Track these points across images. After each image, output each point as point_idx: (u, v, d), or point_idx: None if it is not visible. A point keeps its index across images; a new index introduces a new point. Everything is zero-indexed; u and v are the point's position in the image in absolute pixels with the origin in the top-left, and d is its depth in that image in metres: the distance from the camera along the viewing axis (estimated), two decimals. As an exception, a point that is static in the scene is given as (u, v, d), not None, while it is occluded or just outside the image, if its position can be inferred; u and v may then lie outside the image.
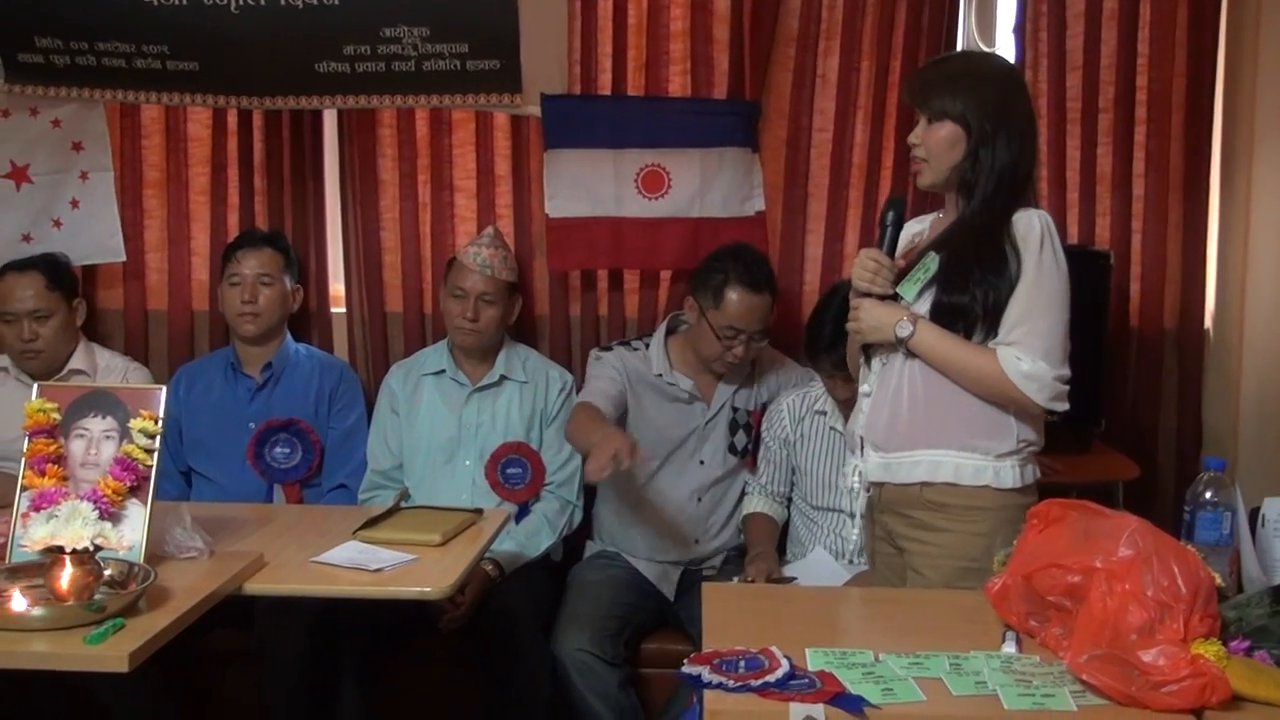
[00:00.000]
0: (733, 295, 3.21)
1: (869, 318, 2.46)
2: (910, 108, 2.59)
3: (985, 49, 3.70)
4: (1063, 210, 3.64)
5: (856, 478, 2.57)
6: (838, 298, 3.00)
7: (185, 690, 3.13)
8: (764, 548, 3.17)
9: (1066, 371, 2.39)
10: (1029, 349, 2.34)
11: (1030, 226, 2.36)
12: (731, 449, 3.39)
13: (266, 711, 3.04)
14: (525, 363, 3.51)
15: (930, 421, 2.44)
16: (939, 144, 2.43)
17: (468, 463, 3.43)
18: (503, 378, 3.46)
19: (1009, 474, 2.42)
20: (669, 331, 3.45)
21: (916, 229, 2.62)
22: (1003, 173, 2.40)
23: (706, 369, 3.37)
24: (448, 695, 3.27)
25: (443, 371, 3.47)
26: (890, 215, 2.50)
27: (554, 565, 3.48)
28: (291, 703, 3.03)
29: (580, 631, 3.09)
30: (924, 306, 2.42)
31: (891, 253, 2.49)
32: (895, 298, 2.45)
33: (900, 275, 2.46)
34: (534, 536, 3.34)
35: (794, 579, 3.09)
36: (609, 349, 3.45)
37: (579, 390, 3.46)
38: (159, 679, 2.96)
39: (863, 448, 2.54)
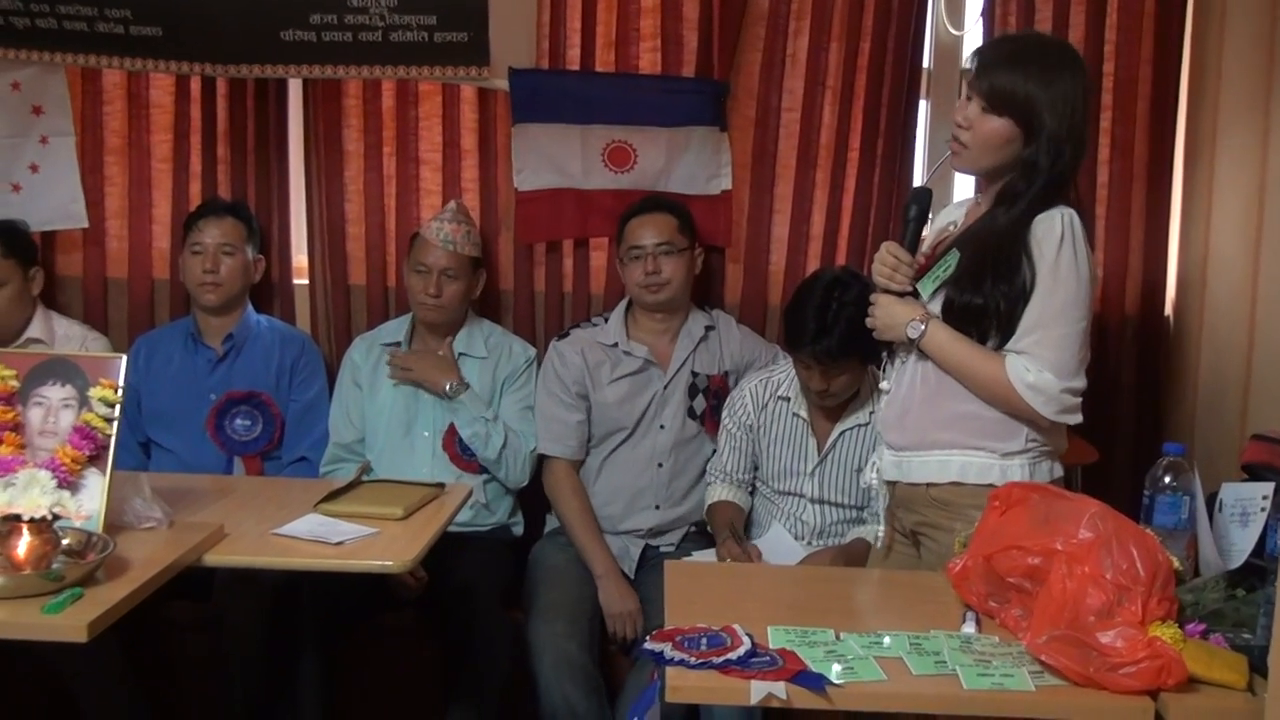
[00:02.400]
0: (627, 224, 3.39)
1: (885, 315, 2.43)
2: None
3: (954, 33, 3.71)
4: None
5: (874, 474, 2.57)
6: (819, 288, 2.99)
7: (144, 660, 3.11)
8: (728, 531, 3.18)
9: (1079, 383, 2.32)
10: (1038, 359, 2.29)
11: (1050, 228, 2.28)
12: (690, 413, 3.39)
13: (225, 681, 3.03)
14: (489, 338, 3.50)
15: (939, 422, 2.41)
16: (990, 137, 2.33)
17: (426, 434, 3.42)
18: (462, 354, 3.44)
19: (1017, 472, 2.37)
20: (630, 304, 3.46)
21: (951, 217, 2.57)
22: (1049, 181, 2.31)
23: (649, 316, 3.39)
24: (407, 667, 3.26)
25: (398, 344, 3.46)
26: (913, 209, 2.46)
27: (514, 540, 3.48)
28: (249, 673, 3.02)
29: (555, 620, 3.09)
30: (937, 305, 2.38)
31: (913, 248, 2.45)
32: (916, 294, 2.43)
33: (922, 271, 2.42)
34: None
35: (757, 550, 3.09)
36: (566, 335, 3.46)
37: (539, 365, 3.47)
38: (117, 648, 2.95)
39: (881, 444, 2.54)
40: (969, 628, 2.06)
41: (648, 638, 2.00)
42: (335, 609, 3.06)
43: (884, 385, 2.54)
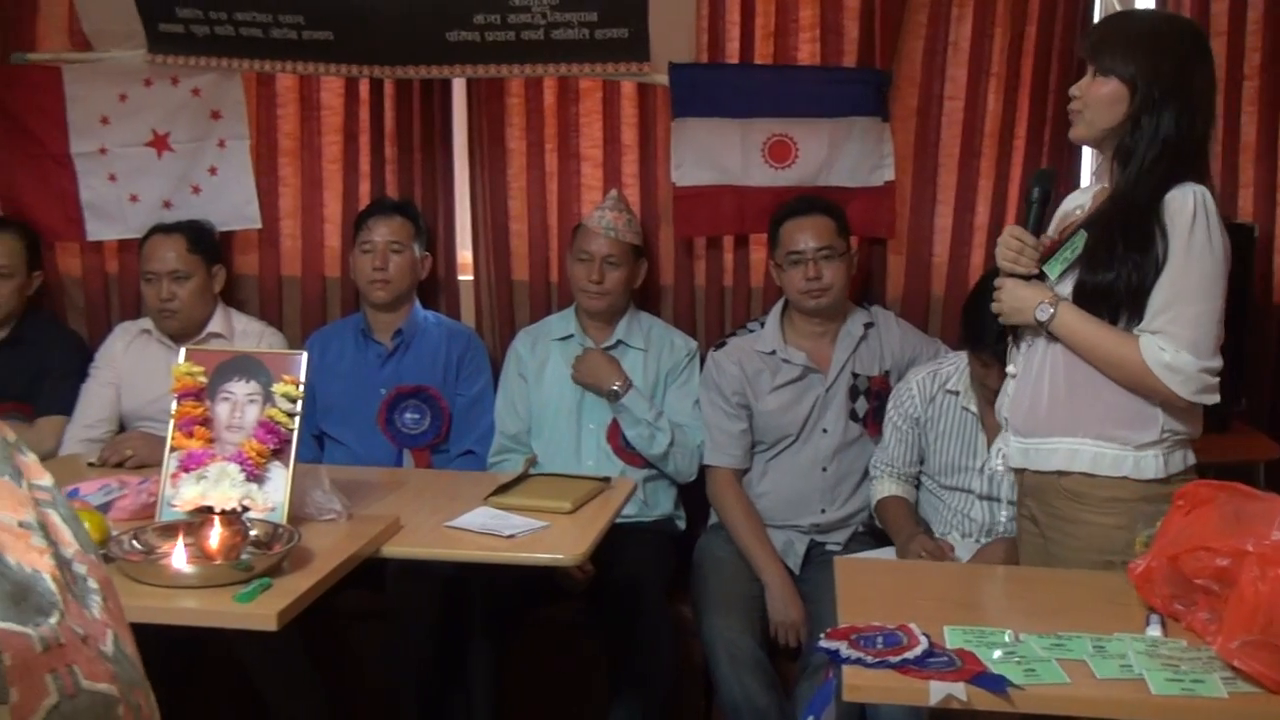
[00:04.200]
0: (782, 227, 3.32)
1: (1010, 299, 2.39)
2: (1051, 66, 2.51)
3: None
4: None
5: (1000, 460, 2.53)
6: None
7: (318, 648, 3.21)
8: (913, 528, 3.13)
9: (1216, 363, 2.27)
10: (1174, 338, 2.24)
11: (1183, 204, 2.24)
12: (853, 415, 3.36)
13: (398, 671, 3.10)
14: (649, 331, 3.53)
15: (1070, 408, 2.36)
16: (1099, 100, 2.33)
17: (591, 426, 3.46)
18: (620, 342, 3.47)
19: (1150, 464, 2.32)
20: (786, 306, 3.43)
21: (1077, 202, 2.54)
22: (1165, 143, 2.28)
23: (807, 319, 3.35)
24: (573, 659, 3.30)
25: (570, 336, 3.50)
26: (1036, 191, 2.43)
27: (678, 534, 3.50)
28: (422, 663, 3.09)
29: (728, 614, 3.09)
30: (1067, 288, 2.34)
31: (1038, 230, 2.41)
32: (1041, 277, 2.39)
33: (1048, 253, 2.38)
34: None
35: (950, 545, 3.05)
36: (723, 345, 3.43)
37: (704, 359, 3.47)
38: (298, 637, 3.05)
39: (1007, 429, 2.49)
40: (1154, 630, 2.00)
41: (822, 635, 1.99)
42: (505, 601, 3.12)
43: (1010, 370, 2.49)
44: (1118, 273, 2.28)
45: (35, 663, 0.58)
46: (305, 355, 2.54)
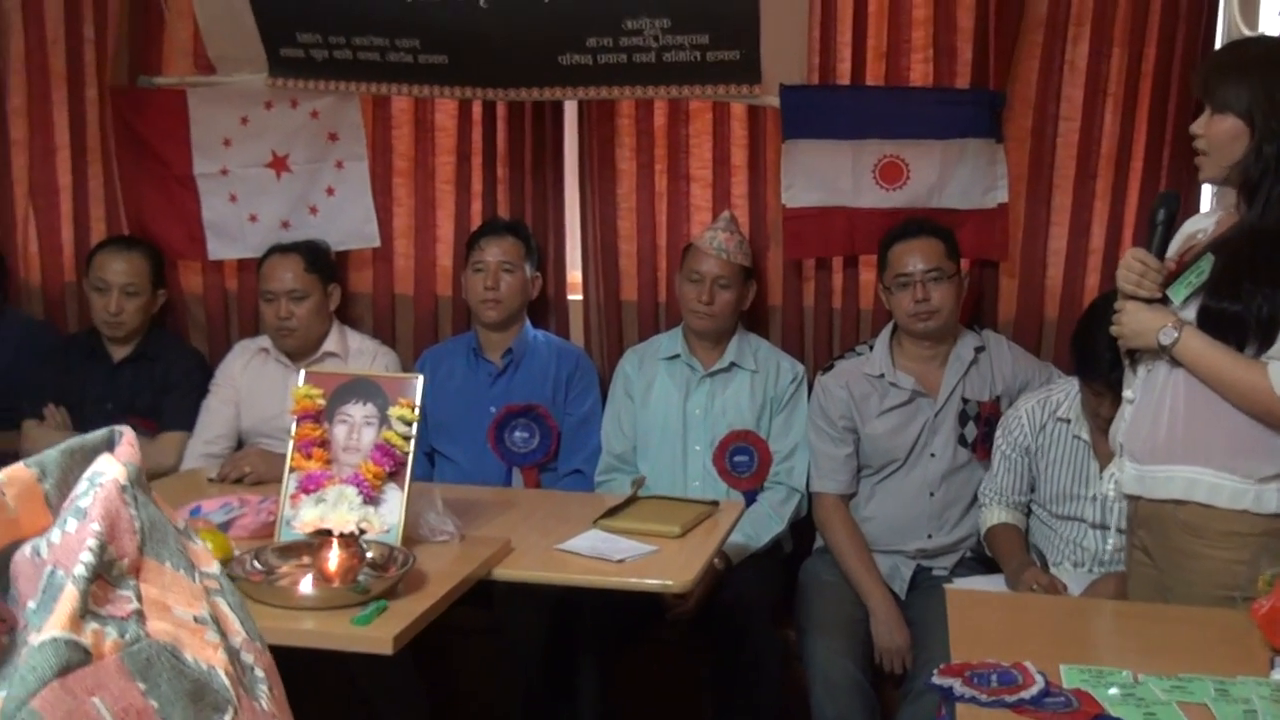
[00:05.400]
0: (891, 249, 3.30)
1: (1132, 321, 2.35)
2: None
3: (1248, 33, 3.51)
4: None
5: (1112, 485, 2.49)
6: (1110, 311, 2.89)
7: (426, 663, 3.25)
8: (1025, 557, 3.09)
9: None
10: None
11: None
12: (962, 441, 3.33)
13: (505, 688, 3.14)
14: (757, 352, 3.52)
15: (1190, 436, 2.31)
16: (1220, 137, 2.29)
17: (697, 448, 3.46)
18: (733, 364, 3.48)
19: (1273, 498, 2.26)
20: (895, 330, 3.41)
21: (1199, 225, 2.49)
22: None
23: (916, 343, 3.32)
24: (680, 682, 3.31)
25: (677, 356, 3.52)
26: (1161, 213, 2.39)
27: (784, 557, 3.49)
28: (529, 681, 3.13)
29: (832, 638, 3.09)
30: (1191, 312, 2.30)
31: (1161, 253, 2.37)
32: (1164, 301, 2.35)
33: (1171, 277, 2.34)
34: (761, 526, 3.35)
35: (1063, 583, 3.00)
36: (831, 368, 3.43)
37: (811, 384, 3.46)
38: (406, 652, 3.08)
39: (1121, 455, 2.44)
40: (1279, 675, 1.95)
41: (935, 671, 1.97)
42: (613, 622, 3.13)
43: (1128, 394, 2.44)
44: (1245, 303, 2.23)
45: None
46: (421, 379, 2.59)
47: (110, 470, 0.65)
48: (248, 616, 0.70)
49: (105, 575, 0.62)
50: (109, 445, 0.69)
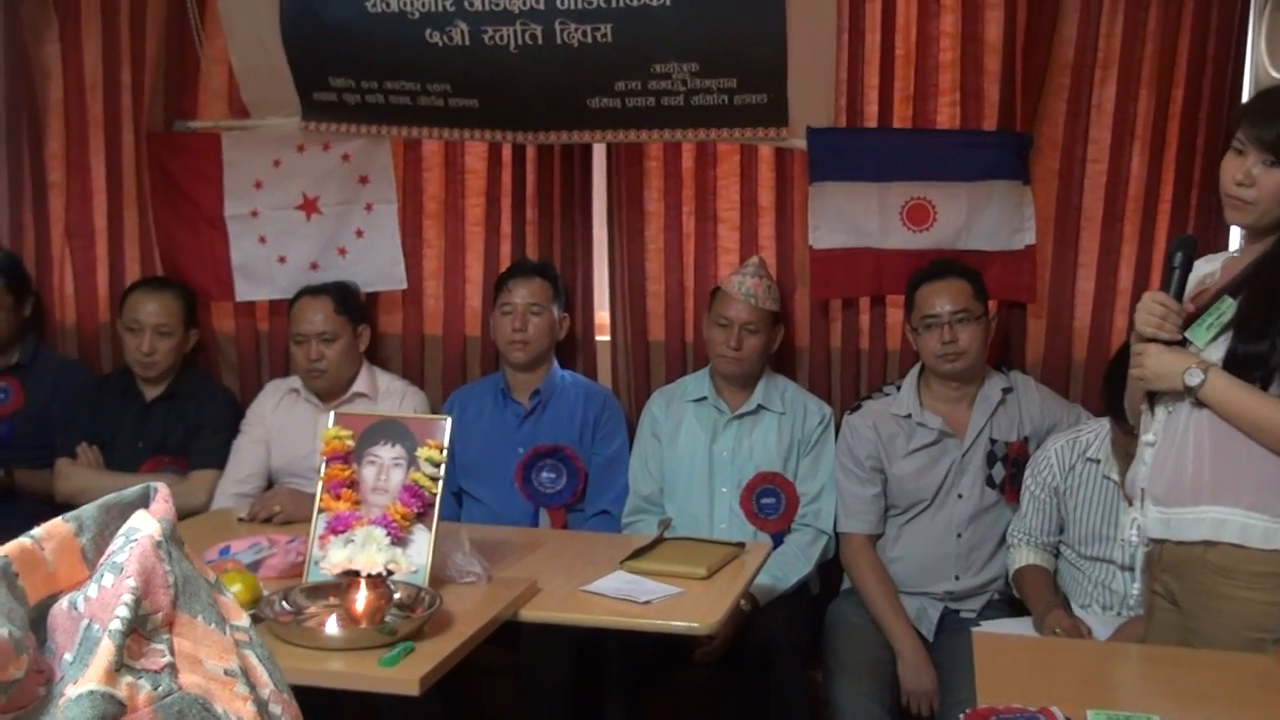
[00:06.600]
0: (918, 291, 3.31)
1: (1156, 364, 2.34)
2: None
3: (1276, 75, 3.51)
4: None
5: (1134, 531, 2.47)
6: None
7: (452, 703, 3.25)
8: (1051, 599, 3.08)
9: None
10: None
11: None
12: (989, 481, 3.32)
13: (530, 729, 3.14)
14: (784, 394, 3.53)
15: (1217, 477, 2.30)
16: (1277, 191, 2.28)
17: (724, 490, 3.47)
18: (760, 407, 3.49)
19: None
20: (923, 370, 3.41)
21: (1206, 269, 2.49)
22: None
23: (944, 383, 3.32)
24: (706, 725, 3.30)
25: (704, 398, 3.52)
26: (1179, 256, 2.38)
27: (812, 599, 3.48)
28: (556, 723, 3.12)
29: (859, 679, 3.08)
30: (1215, 354, 2.30)
31: (1180, 296, 2.37)
32: (1183, 343, 2.35)
33: (1189, 320, 2.35)
34: (788, 568, 3.35)
35: (1088, 627, 2.99)
36: (858, 408, 3.43)
37: (838, 425, 3.47)
38: (433, 692, 3.09)
39: (1143, 500, 2.44)
40: (1309, 722, 1.94)
41: (962, 716, 1.96)
42: (639, 664, 3.13)
43: (1148, 438, 2.42)
44: (1273, 342, 2.23)
45: None
46: (449, 421, 2.61)
47: (145, 526, 0.67)
48: (276, 668, 0.72)
49: (140, 629, 0.64)
50: (144, 501, 0.71)
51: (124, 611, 0.63)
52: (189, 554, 0.70)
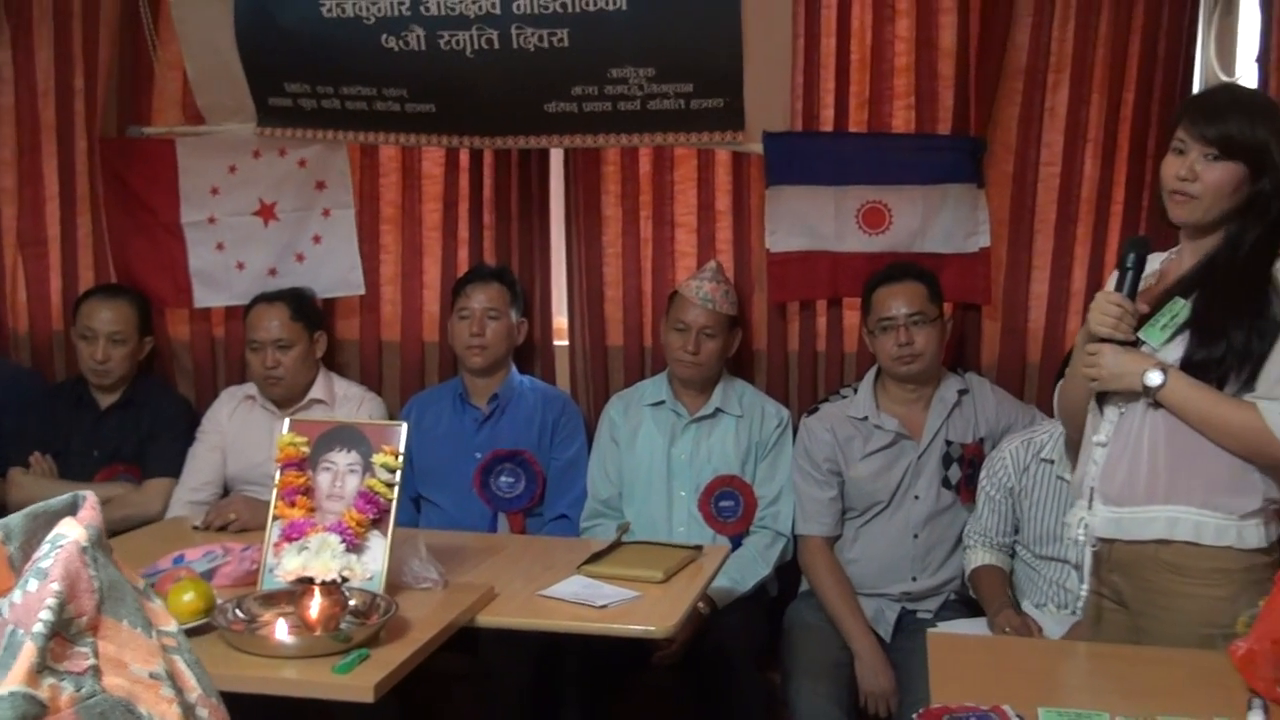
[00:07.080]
0: (874, 294, 3.34)
1: (1113, 364, 2.35)
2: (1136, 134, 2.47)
3: (1225, 79, 3.56)
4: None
5: (1082, 530, 2.48)
6: None
7: (412, 710, 3.25)
8: (1003, 600, 3.11)
9: None
10: None
11: None
12: (945, 483, 3.34)
13: (491, 734, 3.13)
14: (742, 397, 3.54)
15: (1171, 476, 2.32)
16: (1220, 184, 2.28)
17: (683, 493, 3.47)
18: (718, 410, 3.50)
19: (1253, 534, 2.28)
20: (879, 373, 3.43)
21: (1148, 269, 2.52)
22: (1275, 215, 2.26)
23: (900, 385, 3.34)
24: (664, 728, 3.31)
25: (662, 402, 3.53)
26: (1131, 257, 2.40)
27: (770, 600, 3.49)
28: (515, 728, 3.11)
29: (817, 681, 3.09)
30: (1170, 354, 2.32)
31: (1133, 296, 2.39)
32: (1136, 343, 2.37)
33: (1142, 320, 2.36)
34: (746, 571, 3.36)
35: (1038, 625, 3.01)
36: (815, 411, 3.44)
37: (796, 428, 3.48)
38: (391, 699, 3.08)
39: (1091, 500, 2.45)
40: (1256, 716, 1.95)
41: (914, 716, 1.97)
42: (598, 667, 3.13)
43: (1098, 438, 2.42)
44: (1230, 343, 2.24)
45: None
46: (405, 426, 2.60)
47: (71, 533, 0.67)
48: (204, 674, 0.72)
49: (64, 633, 0.64)
50: (72, 509, 0.70)
51: (47, 615, 0.63)
52: (116, 560, 0.70)
